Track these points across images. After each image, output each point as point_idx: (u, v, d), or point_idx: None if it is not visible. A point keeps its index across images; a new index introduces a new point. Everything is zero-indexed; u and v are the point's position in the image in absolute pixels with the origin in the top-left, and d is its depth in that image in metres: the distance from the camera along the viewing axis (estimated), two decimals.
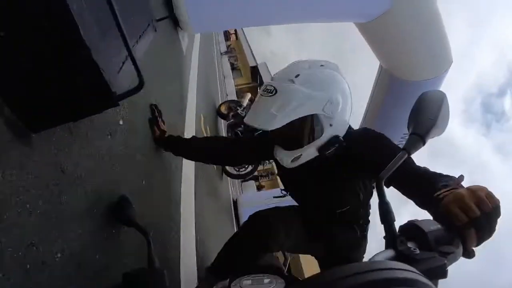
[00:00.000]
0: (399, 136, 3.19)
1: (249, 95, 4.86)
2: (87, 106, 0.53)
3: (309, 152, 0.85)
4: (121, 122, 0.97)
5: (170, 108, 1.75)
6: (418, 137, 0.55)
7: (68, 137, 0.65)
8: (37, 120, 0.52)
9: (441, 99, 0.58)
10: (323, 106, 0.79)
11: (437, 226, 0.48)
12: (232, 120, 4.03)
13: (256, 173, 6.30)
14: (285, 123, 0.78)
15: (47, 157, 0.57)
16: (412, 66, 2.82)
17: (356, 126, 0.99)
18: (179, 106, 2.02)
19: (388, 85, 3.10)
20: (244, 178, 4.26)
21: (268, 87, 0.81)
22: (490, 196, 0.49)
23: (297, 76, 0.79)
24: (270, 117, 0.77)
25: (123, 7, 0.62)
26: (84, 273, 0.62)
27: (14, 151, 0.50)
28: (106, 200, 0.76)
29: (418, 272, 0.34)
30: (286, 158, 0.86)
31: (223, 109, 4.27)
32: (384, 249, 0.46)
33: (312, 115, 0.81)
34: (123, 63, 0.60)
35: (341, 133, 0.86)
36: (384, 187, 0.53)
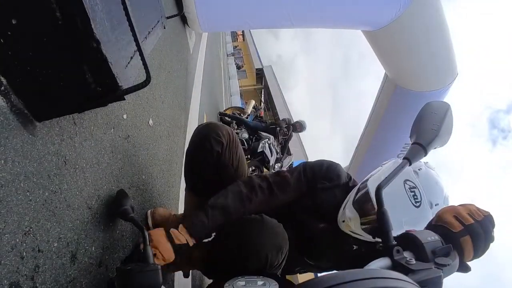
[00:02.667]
0: (400, 146, 3.19)
1: (253, 102, 4.81)
2: (93, 98, 0.53)
3: (366, 236, 0.76)
4: (125, 116, 0.97)
5: (174, 104, 1.75)
6: (420, 147, 0.55)
7: (72, 128, 0.65)
8: (43, 109, 0.52)
9: (445, 110, 0.58)
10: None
11: (434, 237, 0.48)
12: (236, 128, 4.02)
13: None
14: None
15: (50, 147, 0.58)
16: (416, 76, 2.83)
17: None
18: (183, 102, 2.03)
19: (392, 94, 3.10)
20: None
21: (416, 195, 0.71)
22: (479, 208, 0.53)
23: (436, 204, 0.72)
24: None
25: (135, 3, 0.63)
26: (79, 264, 0.62)
27: (18, 139, 0.50)
28: (105, 193, 0.76)
29: (413, 282, 0.34)
30: (354, 221, 0.76)
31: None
32: (379, 257, 0.46)
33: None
34: (131, 57, 0.61)
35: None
36: (383, 196, 0.53)
